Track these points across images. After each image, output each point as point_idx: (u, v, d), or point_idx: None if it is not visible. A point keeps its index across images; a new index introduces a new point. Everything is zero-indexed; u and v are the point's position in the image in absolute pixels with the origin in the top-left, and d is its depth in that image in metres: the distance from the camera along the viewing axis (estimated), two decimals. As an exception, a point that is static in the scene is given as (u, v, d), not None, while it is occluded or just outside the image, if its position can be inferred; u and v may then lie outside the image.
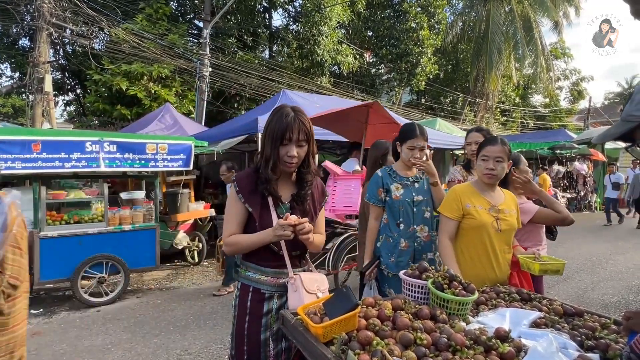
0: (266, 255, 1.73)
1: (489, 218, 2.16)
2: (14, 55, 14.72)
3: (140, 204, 5.62)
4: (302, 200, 1.77)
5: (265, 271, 1.73)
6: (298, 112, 1.71)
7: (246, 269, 1.77)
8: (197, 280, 6.04)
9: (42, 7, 9.45)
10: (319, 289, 1.70)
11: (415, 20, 16.70)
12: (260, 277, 1.73)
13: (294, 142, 1.67)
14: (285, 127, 1.65)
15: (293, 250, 1.74)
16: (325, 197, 1.91)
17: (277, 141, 1.67)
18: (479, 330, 1.40)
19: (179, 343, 3.83)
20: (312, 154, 1.77)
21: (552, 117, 28.71)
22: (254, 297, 1.72)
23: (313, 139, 1.76)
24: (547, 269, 2.12)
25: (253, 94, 14.04)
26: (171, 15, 14.21)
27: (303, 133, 1.68)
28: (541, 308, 1.75)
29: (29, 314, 4.57)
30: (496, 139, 2.23)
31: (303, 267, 1.82)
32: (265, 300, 1.72)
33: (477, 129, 3.19)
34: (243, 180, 1.74)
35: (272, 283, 1.72)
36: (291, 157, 1.67)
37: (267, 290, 1.72)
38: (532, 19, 19.59)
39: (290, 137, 1.65)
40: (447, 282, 1.61)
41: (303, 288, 1.64)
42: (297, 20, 16.68)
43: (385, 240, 2.58)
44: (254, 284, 1.73)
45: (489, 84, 20.04)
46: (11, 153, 4.29)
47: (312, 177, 1.79)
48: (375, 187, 2.60)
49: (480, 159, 2.21)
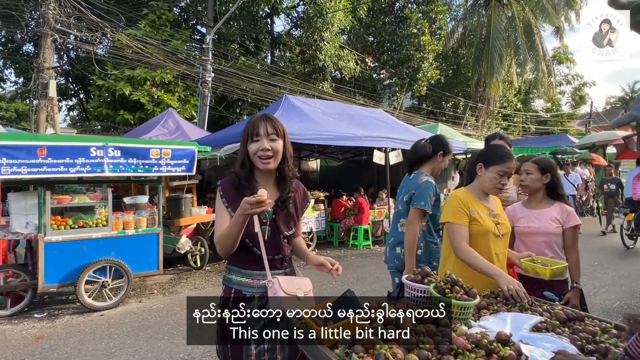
0: (248, 259, 1.76)
1: (491, 223, 2.18)
2: (19, 61, 14.85)
3: (144, 209, 5.66)
4: (285, 204, 1.79)
5: (247, 273, 1.76)
6: (266, 114, 1.79)
7: (229, 272, 1.81)
8: (200, 285, 6.06)
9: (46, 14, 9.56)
10: (301, 290, 1.72)
11: (416, 26, 16.80)
12: (242, 280, 1.77)
13: (263, 136, 1.70)
14: (251, 125, 1.72)
15: (274, 255, 1.76)
16: (308, 202, 1.93)
17: (246, 139, 1.73)
18: (481, 334, 1.42)
19: (182, 347, 3.85)
20: (289, 152, 1.79)
21: (553, 122, 28.73)
22: (235, 300, 1.75)
23: (287, 139, 1.79)
24: (555, 273, 2.16)
25: (255, 99, 14.12)
26: (174, 21, 14.33)
27: (272, 127, 1.72)
28: (542, 312, 1.76)
29: (33, 317, 4.62)
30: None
31: (285, 269, 1.82)
32: (246, 302, 1.74)
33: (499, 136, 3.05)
34: (226, 185, 1.78)
35: (254, 284, 1.75)
36: (264, 150, 1.69)
37: (249, 292, 1.75)
38: (533, 24, 19.66)
39: (257, 132, 1.70)
40: (449, 287, 1.64)
41: (281, 290, 1.66)
42: (299, 26, 16.80)
43: (426, 247, 2.70)
44: (235, 286, 1.77)
45: (490, 89, 20.09)
46: (17, 158, 4.33)
47: (292, 174, 1.81)
48: (432, 193, 2.70)
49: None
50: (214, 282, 6.22)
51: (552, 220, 2.46)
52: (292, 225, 1.81)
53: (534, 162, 2.56)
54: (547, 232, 2.47)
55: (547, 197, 2.56)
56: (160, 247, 5.45)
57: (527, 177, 2.54)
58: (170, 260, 6.92)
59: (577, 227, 2.45)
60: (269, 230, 1.74)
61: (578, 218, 2.46)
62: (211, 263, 7.24)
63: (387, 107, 18.48)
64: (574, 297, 2.37)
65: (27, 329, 4.36)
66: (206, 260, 6.93)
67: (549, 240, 2.49)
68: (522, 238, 2.58)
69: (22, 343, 3.98)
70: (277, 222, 1.77)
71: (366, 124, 8.91)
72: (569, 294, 2.38)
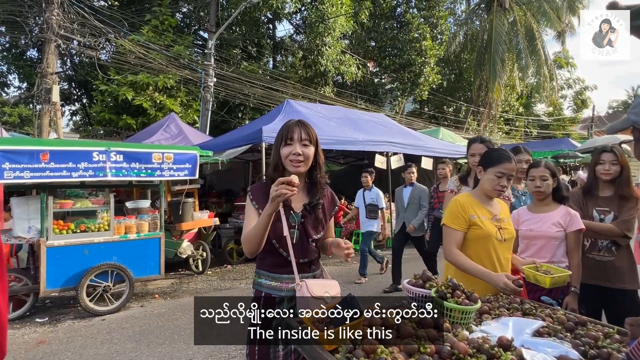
0: (276, 263, 1.79)
1: (493, 228, 2.17)
2: (22, 66, 14.95)
3: (146, 213, 5.67)
4: (314, 209, 1.81)
5: (276, 277, 1.79)
6: (301, 120, 1.83)
7: (259, 276, 1.84)
8: (202, 290, 6.05)
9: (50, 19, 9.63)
10: (328, 293, 1.73)
11: (418, 30, 16.84)
12: (271, 283, 1.79)
13: (296, 141, 1.74)
14: (287, 129, 1.77)
15: (301, 258, 1.78)
16: (335, 207, 1.95)
17: (280, 143, 1.77)
18: (482, 339, 1.42)
19: (183, 352, 3.84)
20: (321, 160, 1.84)
21: (555, 126, 28.69)
22: (266, 302, 1.77)
23: (319, 146, 1.83)
24: (556, 282, 2.12)
25: (257, 103, 14.16)
26: (177, 26, 14.42)
27: (305, 133, 1.76)
28: (544, 317, 1.76)
29: (35, 322, 4.62)
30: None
31: (313, 272, 1.85)
32: (276, 304, 1.77)
33: (480, 139, 3.14)
34: (256, 189, 1.83)
35: (283, 288, 1.78)
36: (296, 154, 1.73)
37: (278, 295, 1.78)
38: (534, 28, 19.69)
39: (291, 136, 1.74)
40: (451, 292, 1.63)
41: (309, 293, 1.67)
42: (300, 31, 16.88)
43: None
44: (265, 290, 1.80)
45: (492, 93, 20.09)
46: (20, 163, 4.35)
47: (323, 181, 1.85)
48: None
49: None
50: (215, 286, 6.21)
51: (554, 224, 2.45)
52: (320, 229, 1.84)
53: (546, 167, 2.52)
54: (548, 236, 2.47)
55: (553, 200, 2.56)
56: (161, 252, 5.45)
57: (543, 183, 2.50)
58: (172, 265, 6.92)
59: (580, 231, 2.43)
60: (297, 234, 1.78)
61: (582, 222, 2.44)
62: (213, 267, 7.24)
63: (388, 111, 18.50)
64: (572, 302, 2.35)
65: (28, 333, 4.36)
66: (208, 264, 6.93)
67: (549, 244, 2.48)
68: (524, 241, 2.58)
69: (24, 348, 3.98)
70: (305, 226, 1.79)
71: (368, 128, 8.92)
72: (568, 298, 2.37)
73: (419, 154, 8.77)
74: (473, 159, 3.06)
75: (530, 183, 2.59)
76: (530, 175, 2.58)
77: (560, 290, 2.36)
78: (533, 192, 2.58)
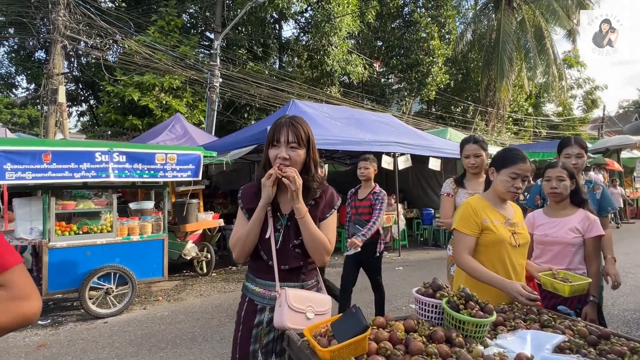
0: (260, 267, 1.71)
1: (506, 233, 2.05)
2: (30, 67, 15.07)
3: (149, 214, 5.61)
4: None
5: (260, 283, 1.71)
6: (293, 117, 1.69)
7: (247, 279, 1.78)
8: (205, 292, 5.98)
9: (57, 21, 9.65)
10: (312, 308, 1.59)
11: (425, 30, 16.70)
12: (255, 289, 1.72)
13: (283, 144, 1.62)
14: (274, 129, 1.65)
15: (282, 264, 1.65)
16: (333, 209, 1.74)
17: (268, 144, 1.67)
18: (499, 356, 1.30)
19: (185, 357, 3.75)
20: (314, 161, 1.69)
21: (565, 126, 28.33)
22: (248, 308, 1.72)
23: (313, 146, 1.69)
24: (575, 290, 1.99)
25: (263, 104, 14.12)
26: (183, 27, 14.44)
27: (294, 135, 1.62)
28: (564, 330, 1.63)
29: (37, 324, 4.56)
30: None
31: (303, 283, 1.71)
32: (257, 312, 1.69)
33: (473, 139, 2.97)
34: (246, 190, 1.78)
35: (264, 295, 1.69)
36: (282, 158, 1.61)
37: (260, 302, 1.70)
38: (543, 27, 19.42)
39: (278, 138, 1.63)
40: (463, 302, 1.51)
41: (287, 304, 1.54)
42: (307, 31, 16.80)
43: None
44: (249, 294, 1.74)
45: (500, 93, 19.85)
46: (22, 163, 4.30)
47: (316, 185, 1.69)
48: None
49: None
50: (219, 288, 6.14)
51: (572, 230, 2.32)
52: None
53: (563, 168, 2.40)
54: (564, 242, 2.34)
55: (570, 203, 2.43)
56: (165, 253, 5.38)
57: (560, 184, 2.37)
58: (176, 267, 6.86)
59: (599, 237, 2.30)
60: (281, 238, 1.67)
61: (601, 228, 2.31)
62: (217, 269, 7.17)
63: (395, 111, 18.37)
64: (591, 312, 2.23)
65: (29, 336, 4.30)
66: (212, 266, 6.86)
67: (565, 251, 2.35)
68: (539, 247, 2.45)
69: (24, 351, 3.92)
70: (289, 230, 1.68)
71: (374, 128, 8.81)
72: (586, 308, 2.24)
73: (426, 154, 8.65)
74: (467, 160, 2.93)
75: (545, 184, 2.46)
76: (546, 176, 2.46)
77: (577, 299, 2.24)
78: (549, 194, 2.46)
